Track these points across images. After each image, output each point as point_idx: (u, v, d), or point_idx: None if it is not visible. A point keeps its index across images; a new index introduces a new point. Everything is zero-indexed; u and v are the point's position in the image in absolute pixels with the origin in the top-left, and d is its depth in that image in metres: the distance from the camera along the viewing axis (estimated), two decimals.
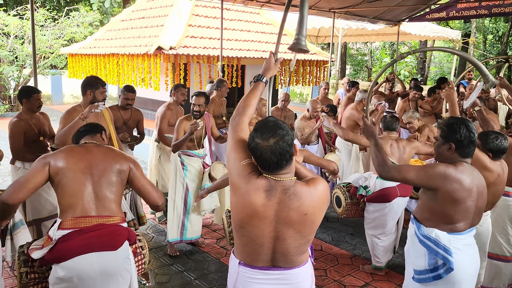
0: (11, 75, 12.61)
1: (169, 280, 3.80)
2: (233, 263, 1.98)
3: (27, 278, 2.25)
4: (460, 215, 2.31)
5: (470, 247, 2.39)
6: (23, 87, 3.95)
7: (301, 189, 1.79)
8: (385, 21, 9.21)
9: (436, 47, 4.36)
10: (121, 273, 2.28)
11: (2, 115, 12.76)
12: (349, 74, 25.24)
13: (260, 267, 1.89)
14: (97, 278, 2.20)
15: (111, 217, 2.27)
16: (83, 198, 2.21)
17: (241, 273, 1.93)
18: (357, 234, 4.91)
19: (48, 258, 2.17)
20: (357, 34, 13.09)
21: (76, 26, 13.71)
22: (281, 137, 1.74)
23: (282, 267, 1.89)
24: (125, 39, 9.29)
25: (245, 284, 1.92)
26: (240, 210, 1.82)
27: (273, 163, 1.74)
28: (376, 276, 3.99)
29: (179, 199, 4.19)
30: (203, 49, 8.23)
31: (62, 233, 2.17)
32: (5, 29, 12.56)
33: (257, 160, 1.78)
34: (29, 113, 3.90)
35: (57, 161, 2.24)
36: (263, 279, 1.90)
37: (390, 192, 3.82)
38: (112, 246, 2.24)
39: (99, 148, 2.41)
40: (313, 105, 5.06)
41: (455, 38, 11.90)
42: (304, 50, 2.11)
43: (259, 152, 1.75)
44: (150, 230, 4.88)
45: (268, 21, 10.60)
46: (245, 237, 1.86)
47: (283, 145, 1.73)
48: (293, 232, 1.81)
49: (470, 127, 2.29)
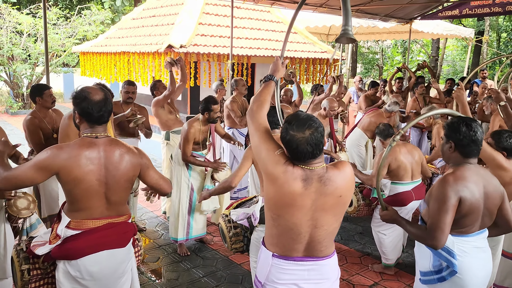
0: (24, 73, 12.77)
1: (177, 277, 3.82)
2: (265, 256, 2.04)
3: (29, 275, 2.24)
4: (467, 220, 2.25)
5: (481, 250, 2.32)
6: (33, 86, 3.98)
7: (333, 174, 1.91)
8: (397, 19, 9.12)
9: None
10: (128, 267, 2.33)
11: (15, 112, 12.93)
12: (360, 72, 25.09)
13: (294, 257, 1.96)
14: (107, 275, 2.22)
15: (119, 217, 2.28)
16: (95, 204, 2.17)
17: (274, 265, 1.99)
18: (367, 233, 4.88)
19: (56, 255, 2.17)
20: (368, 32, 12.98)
21: (88, 24, 13.83)
22: (315, 128, 1.85)
23: (315, 256, 1.97)
24: (136, 38, 9.34)
25: (279, 276, 1.98)
26: (278, 199, 1.89)
27: (309, 153, 1.84)
28: (385, 276, 3.96)
29: (184, 199, 4.21)
30: (213, 47, 8.23)
31: (71, 233, 2.16)
32: (18, 27, 12.72)
33: (293, 151, 1.86)
34: (43, 111, 3.93)
35: (67, 170, 2.06)
36: (296, 270, 1.97)
37: (406, 197, 3.80)
38: (121, 244, 2.27)
39: (112, 147, 2.18)
40: (330, 103, 5.04)
41: (468, 36, 11.75)
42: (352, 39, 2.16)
43: (295, 144, 1.84)
44: (159, 228, 4.91)
45: (279, 19, 10.57)
46: (282, 226, 1.93)
47: (318, 136, 1.85)
48: (329, 217, 1.92)
49: (472, 126, 2.21)
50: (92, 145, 2.14)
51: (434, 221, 2.17)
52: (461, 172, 2.23)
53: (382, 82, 8.43)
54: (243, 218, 3.00)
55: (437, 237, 2.14)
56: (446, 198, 2.15)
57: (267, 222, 2.02)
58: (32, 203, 3.08)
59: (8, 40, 12.41)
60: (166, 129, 5.03)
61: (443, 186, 2.19)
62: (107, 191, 2.17)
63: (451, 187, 2.17)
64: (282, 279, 1.98)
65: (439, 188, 2.21)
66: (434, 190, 2.25)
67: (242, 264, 4.07)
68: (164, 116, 4.95)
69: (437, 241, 2.15)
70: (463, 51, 24.11)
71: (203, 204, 4.20)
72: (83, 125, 2.22)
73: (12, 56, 12.62)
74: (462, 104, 3.02)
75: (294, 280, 1.98)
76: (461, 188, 2.17)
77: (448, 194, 2.15)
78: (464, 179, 2.20)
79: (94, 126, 2.19)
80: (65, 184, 2.11)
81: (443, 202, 2.15)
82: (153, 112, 4.90)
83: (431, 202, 2.24)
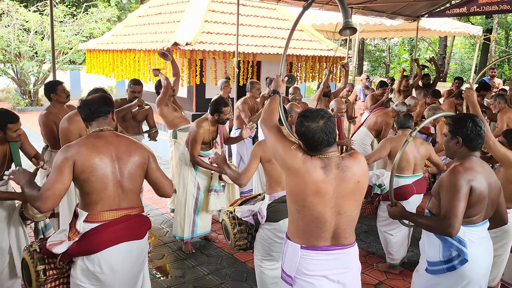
0: (31, 70, 12.84)
1: (182, 275, 3.83)
2: (293, 249, 2.11)
3: (45, 275, 2.25)
4: (475, 209, 2.33)
5: (484, 240, 2.42)
6: (46, 83, 4.02)
7: (349, 161, 2.04)
8: (404, 17, 9.05)
9: None
10: (143, 260, 2.39)
11: (22, 109, 13.01)
12: (366, 70, 24.97)
13: (322, 247, 2.06)
14: (126, 268, 2.27)
15: (134, 208, 2.32)
16: (111, 193, 2.21)
17: (304, 256, 2.07)
18: (372, 232, 4.86)
19: (74, 252, 2.18)
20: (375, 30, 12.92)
21: (94, 22, 13.88)
22: (327, 118, 2.01)
23: (341, 244, 2.07)
24: (142, 35, 9.35)
25: (308, 267, 2.06)
26: (301, 191, 2.00)
27: (325, 141, 1.99)
28: (390, 275, 3.95)
29: (190, 198, 4.20)
30: (219, 45, 8.22)
31: (90, 226, 2.19)
32: (26, 24, 12.79)
33: (309, 141, 2.00)
34: (58, 107, 3.96)
35: (81, 160, 2.14)
36: (325, 260, 2.06)
37: (407, 190, 3.79)
38: (139, 236, 2.33)
39: (120, 139, 2.30)
40: (338, 105, 5.02)
41: (476, 34, 11.66)
42: (354, 29, 2.28)
43: (311, 133, 1.99)
44: (164, 225, 4.92)
45: (285, 17, 10.53)
46: (307, 217, 2.04)
47: (331, 125, 2.00)
48: (351, 203, 2.04)
49: (477, 121, 2.33)
50: (99, 137, 2.26)
51: (448, 209, 2.24)
52: (469, 163, 2.33)
53: (389, 80, 8.37)
54: (248, 215, 2.99)
55: (452, 224, 2.21)
56: (458, 186, 2.24)
57: (291, 216, 2.13)
58: None
59: (15, 38, 12.48)
60: (172, 127, 5.03)
61: (455, 176, 2.28)
62: (121, 179, 2.23)
63: (463, 176, 2.26)
64: (312, 270, 2.06)
65: (450, 178, 2.30)
66: (444, 181, 2.33)
67: (247, 262, 4.07)
68: (169, 115, 4.96)
69: (453, 228, 2.21)
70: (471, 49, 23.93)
71: (210, 204, 4.19)
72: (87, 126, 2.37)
73: (19, 53, 12.70)
74: (472, 104, 3.02)
75: (323, 270, 2.05)
76: (471, 177, 2.27)
77: (460, 183, 2.24)
78: (473, 170, 2.30)
79: (91, 123, 2.33)
80: (80, 174, 2.14)
81: (456, 191, 2.24)
82: (158, 113, 4.91)
83: (443, 193, 2.31)
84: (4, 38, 12.30)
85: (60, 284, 2.30)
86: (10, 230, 3.05)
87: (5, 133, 2.92)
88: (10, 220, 3.05)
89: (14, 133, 2.95)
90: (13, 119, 2.94)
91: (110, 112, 2.37)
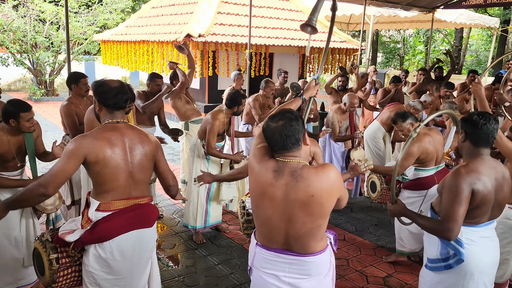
0: (46, 60, 13.02)
1: (193, 264, 3.91)
2: (252, 243, 2.16)
3: (58, 263, 2.31)
4: (478, 211, 2.29)
5: (488, 239, 2.38)
6: (70, 73, 4.10)
7: (308, 172, 1.89)
8: (419, 8, 8.94)
9: None
10: (152, 248, 2.49)
11: (38, 99, 13.23)
12: (380, 62, 24.69)
13: (274, 249, 2.01)
14: (136, 253, 2.35)
15: (144, 198, 2.40)
16: (123, 183, 2.28)
17: (258, 253, 2.09)
18: (382, 225, 4.87)
19: (86, 239, 2.25)
20: (389, 21, 12.77)
21: (108, 12, 13.97)
22: (288, 120, 1.91)
23: (296, 251, 1.98)
24: (155, 26, 9.41)
25: (261, 264, 2.08)
26: (253, 189, 2.00)
27: (279, 143, 1.90)
28: (399, 268, 3.97)
29: (202, 188, 4.28)
30: (231, 36, 8.23)
31: (102, 215, 2.26)
32: (41, 15, 12.94)
33: (268, 141, 1.95)
34: (78, 98, 4.05)
35: (95, 152, 2.18)
36: (277, 261, 2.02)
37: (428, 181, 3.79)
38: (148, 224, 2.41)
39: (133, 131, 2.36)
40: (351, 100, 5.02)
41: (493, 25, 11.44)
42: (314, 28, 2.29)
43: (269, 132, 1.92)
44: (176, 215, 5.01)
45: (298, 8, 10.48)
46: (260, 218, 2.01)
47: (291, 128, 1.89)
48: (303, 214, 1.89)
49: (485, 116, 2.26)
50: (114, 129, 2.30)
51: (447, 213, 2.21)
52: (474, 165, 2.27)
53: (403, 72, 8.29)
54: None
55: (451, 228, 2.18)
56: (459, 190, 2.19)
57: (252, 213, 2.15)
58: (58, 200, 3.21)
59: (31, 28, 12.65)
60: (184, 119, 5.09)
61: (457, 178, 2.23)
62: (132, 170, 2.30)
63: (464, 179, 2.21)
64: (264, 267, 2.07)
65: (452, 180, 2.25)
66: (447, 182, 2.29)
67: None
68: (182, 107, 5.02)
69: (451, 232, 2.18)
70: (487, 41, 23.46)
71: (222, 194, 4.28)
72: (102, 113, 2.37)
73: (35, 43, 12.88)
74: (480, 98, 2.99)
75: (275, 271, 2.03)
76: (474, 180, 2.21)
77: (461, 186, 2.20)
78: (477, 172, 2.24)
79: (113, 112, 2.34)
80: (93, 165, 2.20)
81: (457, 194, 2.19)
82: (171, 104, 4.98)
83: (444, 194, 2.28)
84: (21, 29, 12.49)
85: (73, 271, 2.37)
86: (21, 221, 3.16)
87: (19, 122, 2.98)
88: (22, 211, 3.16)
89: (27, 123, 3.01)
90: (25, 108, 2.99)
91: (129, 101, 2.44)
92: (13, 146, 3.08)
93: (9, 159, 3.06)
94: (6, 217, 2.74)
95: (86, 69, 15.92)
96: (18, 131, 3.06)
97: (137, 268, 2.41)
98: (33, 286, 3.35)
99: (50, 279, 2.29)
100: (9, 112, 2.96)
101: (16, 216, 3.13)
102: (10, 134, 3.05)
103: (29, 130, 3.07)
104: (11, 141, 3.06)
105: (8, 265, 3.15)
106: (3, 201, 2.26)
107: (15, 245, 3.15)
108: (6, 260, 3.13)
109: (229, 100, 4.13)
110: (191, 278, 3.67)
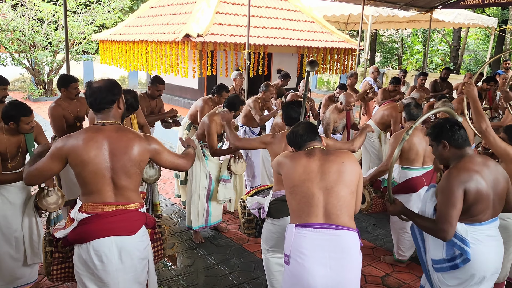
0: (45, 60, 12.99)
1: (192, 264, 3.92)
2: (289, 230, 2.32)
3: (51, 257, 2.40)
4: (475, 209, 2.31)
5: (493, 238, 2.39)
6: (61, 76, 4.07)
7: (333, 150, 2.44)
8: (417, 8, 8.96)
9: None
10: (138, 257, 2.32)
11: (36, 99, 13.20)
12: (379, 61, 24.71)
13: (314, 223, 2.23)
14: (116, 261, 2.24)
15: (129, 204, 2.30)
16: (102, 187, 2.22)
17: (297, 234, 2.25)
18: (380, 225, 4.89)
19: (71, 239, 2.27)
20: (387, 21, 12.78)
21: (107, 12, 13.95)
22: (308, 123, 2.56)
23: (334, 223, 2.22)
24: (154, 26, 9.40)
25: (301, 243, 2.23)
26: (291, 174, 2.34)
27: (307, 137, 2.47)
28: (397, 267, 3.99)
29: (203, 189, 4.30)
30: (230, 36, 8.23)
31: (82, 216, 2.24)
32: (39, 14, 12.92)
33: (293, 140, 2.51)
34: (67, 100, 4.02)
35: (74, 153, 2.18)
36: (316, 239, 2.21)
37: (416, 182, 3.78)
38: (130, 231, 2.28)
39: (120, 135, 2.25)
40: (347, 99, 5.03)
41: (491, 25, 11.47)
42: None
43: (295, 132, 2.50)
44: (175, 215, 5.02)
45: (297, 8, 10.48)
46: (298, 194, 2.30)
47: (305, 126, 2.52)
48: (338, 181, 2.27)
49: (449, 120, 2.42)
50: (98, 131, 2.24)
51: (441, 214, 2.28)
52: (463, 163, 2.33)
53: (402, 72, 8.31)
54: (255, 208, 3.07)
55: (445, 229, 2.27)
56: (451, 191, 2.26)
57: (288, 204, 2.37)
58: (61, 198, 3.22)
59: (29, 28, 12.63)
60: (191, 119, 5.11)
61: (448, 180, 2.29)
62: (113, 175, 2.22)
63: (455, 179, 2.27)
64: (305, 247, 2.20)
65: (444, 182, 2.31)
66: (440, 184, 2.35)
67: (255, 252, 4.15)
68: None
69: (445, 233, 2.27)
70: (486, 41, 23.49)
71: (219, 194, 4.32)
72: (95, 115, 2.36)
73: (33, 43, 12.85)
74: (472, 99, 2.97)
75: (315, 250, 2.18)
76: (465, 178, 2.26)
77: (453, 188, 2.26)
78: (467, 170, 2.29)
79: (97, 114, 2.31)
80: (74, 167, 2.23)
81: (449, 195, 2.26)
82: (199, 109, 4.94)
83: (439, 196, 2.34)
84: (19, 28, 12.46)
85: (65, 268, 2.44)
86: (24, 220, 3.17)
87: (18, 125, 3.00)
88: (24, 210, 3.17)
89: (27, 126, 3.03)
90: (26, 112, 3.00)
91: (116, 102, 2.31)
92: (13, 146, 3.10)
93: (9, 158, 3.08)
94: (8, 218, 2.79)
95: (84, 68, 15.90)
96: (17, 132, 3.08)
97: (124, 279, 2.27)
98: (32, 285, 3.36)
99: (46, 270, 2.43)
100: (10, 115, 2.97)
101: (18, 217, 3.15)
102: (9, 134, 3.07)
103: (28, 131, 3.10)
104: (11, 140, 3.08)
105: (7, 265, 3.16)
106: None
107: (15, 245, 3.16)
108: (6, 260, 3.15)
109: (227, 104, 4.15)
110: (190, 278, 3.68)
